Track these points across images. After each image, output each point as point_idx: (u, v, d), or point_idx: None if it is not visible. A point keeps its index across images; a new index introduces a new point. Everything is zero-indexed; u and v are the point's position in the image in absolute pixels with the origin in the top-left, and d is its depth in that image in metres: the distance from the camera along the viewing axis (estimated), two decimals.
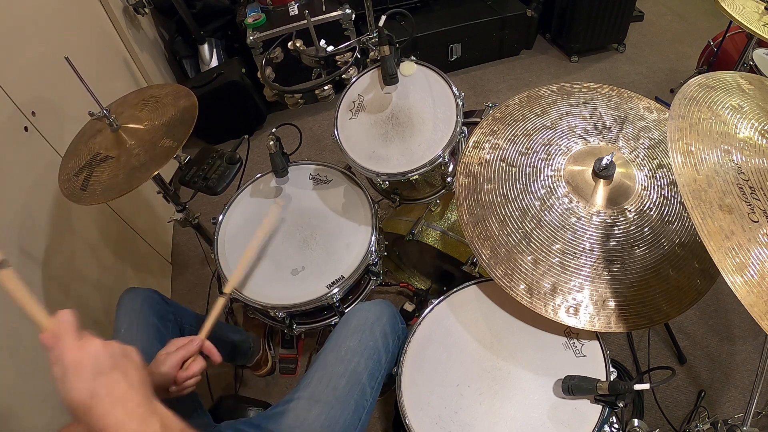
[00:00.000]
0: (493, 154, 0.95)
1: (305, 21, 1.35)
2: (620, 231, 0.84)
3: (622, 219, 0.85)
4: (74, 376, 0.52)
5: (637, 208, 0.86)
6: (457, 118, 1.10)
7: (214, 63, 2.34)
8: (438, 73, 1.17)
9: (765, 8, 1.34)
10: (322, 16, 2.13)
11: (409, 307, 1.49)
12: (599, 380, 0.78)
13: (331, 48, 1.23)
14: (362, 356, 0.91)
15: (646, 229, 0.84)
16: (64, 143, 1.19)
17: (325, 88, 1.21)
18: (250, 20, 2.18)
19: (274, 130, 1.24)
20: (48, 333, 0.55)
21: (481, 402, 0.84)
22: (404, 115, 1.14)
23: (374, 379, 0.92)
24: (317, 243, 1.16)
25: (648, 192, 0.88)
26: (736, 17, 1.32)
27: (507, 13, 2.41)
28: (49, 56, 1.35)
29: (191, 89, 1.18)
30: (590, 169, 0.87)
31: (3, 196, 1.12)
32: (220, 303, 0.84)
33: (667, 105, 0.76)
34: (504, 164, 0.94)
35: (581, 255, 0.83)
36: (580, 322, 0.80)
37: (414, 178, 1.09)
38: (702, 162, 0.61)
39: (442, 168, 1.16)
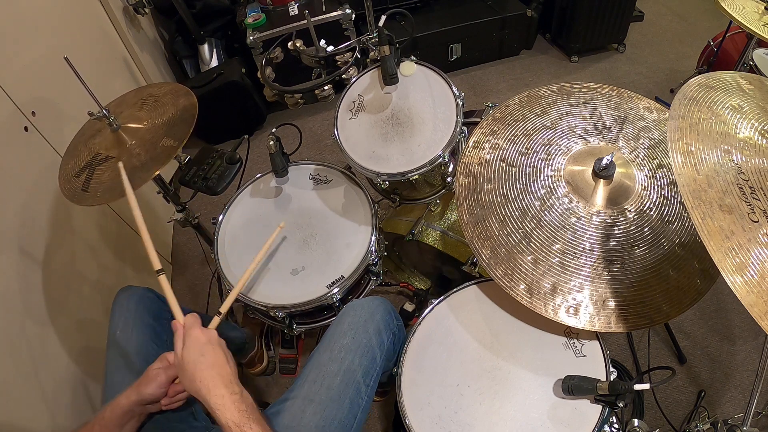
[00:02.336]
0: (493, 154, 0.95)
1: (305, 21, 1.35)
2: (620, 231, 0.84)
3: (622, 219, 0.85)
4: (195, 343, 0.76)
5: (637, 208, 0.86)
6: (457, 118, 1.10)
7: (214, 63, 2.34)
8: (438, 73, 1.17)
9: (765, 8, 1.34)
10: (322, 16, 2.13)
11: (409, 307, 1.49)
12: (599, 380, 0.78)
13: (331, 48, 1.23)
14: (356, 354, 0.90)
15: (646, 229, 0.84)
16: (64, 143, 1.19)
17: (325, 88, 1.21)
18: (250, 20, 2.18)
19: (274, 130, 1.24)
20: (178, 322, 0.80)
21: (481, 402, 0.84)
22: (404, 115, 1.14)
23: (369, 377, 0.91)
24: (317, 243, 1.16)
25: (648, 192, 0.88)
26: (736, 17, 1.32)
27: (507, 13, 2.41)
28: (49, 56, 1.35)
29: (191, 89, 1.17)
30: (590, 169, 0.87)
31: (3, 196, 1.12)
32: (214, 322, 0.85)
33: (667, 105, 0.76)
34: (504, 164, 0.94)
35: (581, 255, 0.83)
36: (580, 322, 0.80)
37: (414, 178, 1.09)
38: (702, 162, 0.61)
39: (442, 168, 1.16)
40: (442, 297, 0.98)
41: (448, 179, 1.21)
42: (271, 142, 1.20)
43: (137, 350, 0.94)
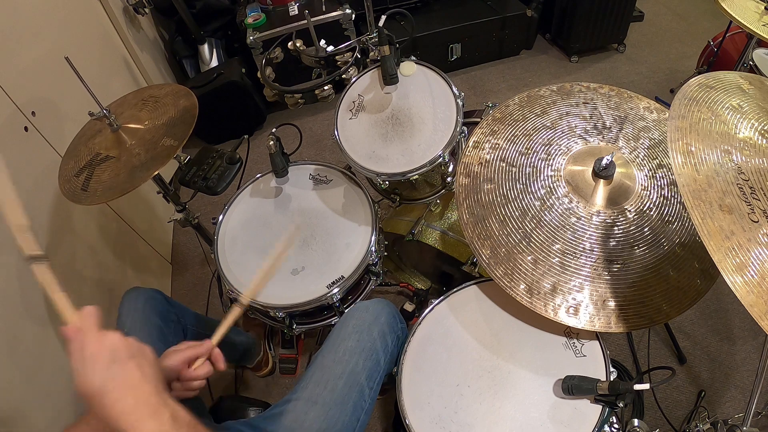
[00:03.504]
0: (493, 154, 0.95)
1: (305, 21, 1.36)
2: (620, 231, 0.84)
3: (622, 219, 0.85)
4: (92, 363, 0.56)
5: (637, 208, 0.86)
6: (457, 118, 1.10)
7: (214, 63, 2.34)
8: (438, 73, 1.17)
9: (765, 8, 1.33)
10: (322, 16, 2.13)
11: (409, 307, 1.49)
12: (599, 380, 0.78)
13: (331, 48, 1.23)
14: (360, 357, 0.90)
15: (646, 229, 0.84)
16: (64, 143, 1.19)
17: (325, 88, 1.21)
18: (250, 20, 2.18)
19: (274, 130, 1.24)
20: (70, 326, 0.60)
21: (481, 402, 0.84)
22: (404, 115, 1.14)
23: (373, 380, 0.91)
24: (317, 243, 1.16)
25: (648, 192, 0.88)
26: (736, 17, 1.32)
27: (507, 13, 2.41)
28: (49, 56, 1.35)
29: (191, 89, 1.18)
30: (590, 169, 0.87)
31: None
32: (235, 312, 0.80)
33: (667, 105, 0.76)
34: (504, 164, 0.94)
35: (581, 255, 0.83)
36: (580, 322, 0.80)
37: (414, 178, 1.09)
38: (702, 162, 0.61)
39: (442, 168, 1.16)
40: (442, 297, 0.98)
41: (448, 179, 1.21)
42: (271, 142, 1.20)
43: None
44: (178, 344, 0.78)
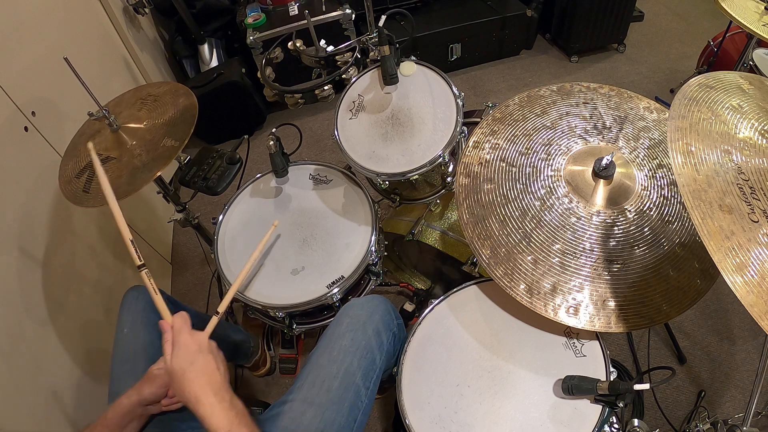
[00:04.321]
0: (493, 154, 0.95)
1: (305, 21, 1.36)
2: (620, 231, 0.84)
3: (622, 219, 0.85)
4: (184, 350, 0.73)
5: (637, 208, 0.86)
6: (457, 118, 1.10)
7: (214, 63, 2.34)
8: (438, 73, 1.17)
9: (765, 8, 1.33)
10: (322, 16, 2.13)
11: (409, 307, 1.49)
12: (599, 380, 0.78)
13: (331, 48, 1.23)
14: (355, 356, 0.89)
15: (646, 229, 0.84)
16: (64, 143, 1.19)
17: (325, 88, 1.21)
18: (250, 20, 2.18)
19: (274, 130, 1.24)
20: (166, 321, 0.78)
21: (481, 402, 0.84)
22: (404, 115, 1.14)
23: (368, 379, 0.90)
24: (317, 243, 1.16)
25: (648, 192, 0.88)
26: (736, 17, 1.32)
27: (507, 13, 2.41)
28: (49, 56, 1.35)
29: (191, 89, 1.17)
30: (590, 169, 0.87)
31: (3, 196, 1.12)
32: (213, 322, 0.84)
33: (667, 105, 0.76)
34: (504, 164, 0.94)
35: (581, 255, 0.83)
36: (580, 322, 0.80)
37: (414, 178, 1.09)
38: (702, 162, 0.61)
39: (442, 168, 1.16)
40: (442, 297, 0.98)
41: (448, 179, 1.21)
42: (271, 142, 1.20)
43: (144, 349, 0.94)
44: (160, 360, 0.82)
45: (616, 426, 0.82)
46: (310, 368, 0.90)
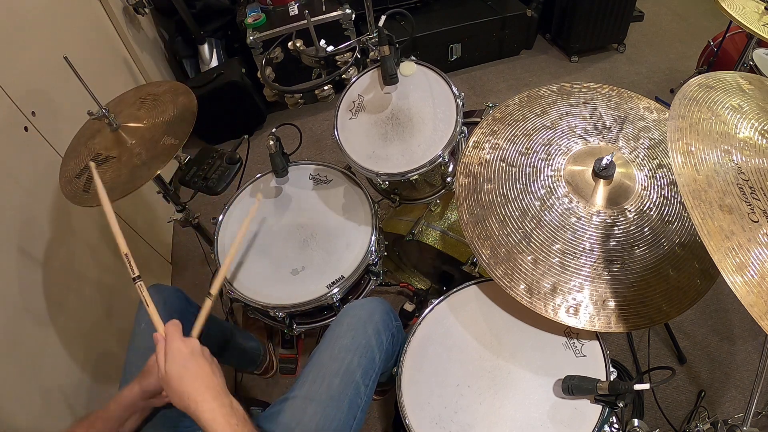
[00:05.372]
0: (493, 154, 0.95)
1: (305, 21, 1.35)
2: (620, 231, 0.84)
3: (622, 219, 0.85)
4: (176, 355, 0.72)
5: (637, 208, 0.86)
6: (457, 118, 1.10)
7: (214, 63, 2.34)
8: (438, 73, 1.17)
9: (765, 8, 1.33)
10: (322, 16, 2.13)
11: (409, 307, 1.49)
12: (599, 380, 0.78)
13: (331, 48, 1.23)
14: (355, 354, 0.91)
15: (646, 229, 0.84)
16: (64, 143, 1.19)
17: (325, 88, 1.21)
18: (250, 20, 2.18)
19: (274, 130, 1.24)
20: (160, 333, 0.77)
21: (481, 402, 0.84)
22: (404, 115, 1.14)
23: (368, 377, 0.92)
24: (317, 243, 1.16)
25: (648, 192, 0.88)
26: (736, 17, 1.32)
27: (507, 13, 2.41)
28: (49, 56, 1.35)
29: (191, 89, 1.17)
30: (590, 169, 0.87)
31: (3, 196, 1.12)
32: (207, 305, 0.85)
33: (667, 105, 0.76)
34: (504, 164, 0.94)
35: (581, 255, 0.83)
36: (580, 322, 0.80)
37: (414, 178, 1.09)
38: (702, 162, 0.61)
39: (442, 168, 1.16)
40: (442, 297, 0.98)
41: (448, 179, 1.21)
42: (271, 142, 1.20)
43: None
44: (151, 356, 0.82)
45: (616, 426, 0.82)
46: (311, 366, 0.92)
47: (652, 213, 0.86)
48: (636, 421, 0.87)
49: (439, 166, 1.11)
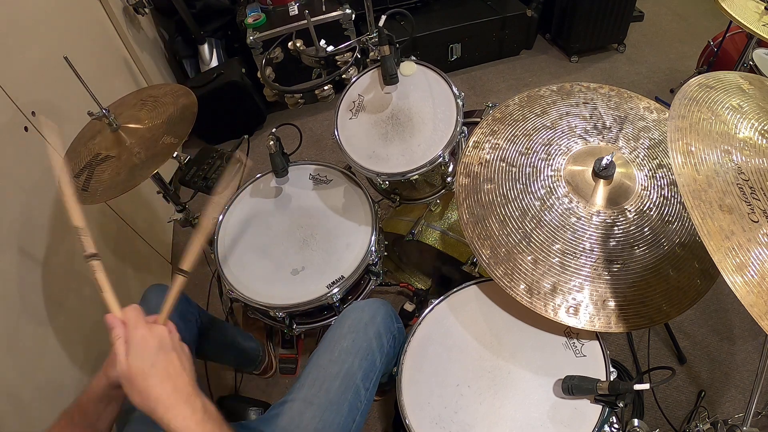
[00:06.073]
0: (493, 154, 0.95)
1: (305, 21, 1.35)
2: (620, 231, 0.84)
3: (622, 219, 0.85)
4: (141, 348, 0.61)
5: (637, 208, 0.86)
6: (457, 118, 1.10)
7: (214, 63, 2.34)
8: (438, 73, 1.17)
9: (765, 8, 1.33)
10: (322, 16, 2.13)
11: (409, 307, 1.49)
12: (599, 380, 0.78)
13: (331, 48, 1.23)
14: (356, 357, 0.90)
15: (646, 229, 0.84)
16: (64, 143, 1.19)
17: (325, 88, 1.21)
18: (250, 20, 2.18)
19: (274, 130, 1.24)
20: (113, 315, 0.66)
21: (481, 402, 0.84)
22: (404, 115, 1.14)
23: (368, 380, 0.91)
24: (317, 243, 1.16)
25: (648, 192, 0.88)
26: (736, 17, 1.32)
27: (507, 13, 2.41)
28: (49, 56, 1.35)
29: (191, 89, 1.18)
30: (590, 169, 0.87)
31: (3, 196, 1.12)
32: (178, 282, 0.74)
33: (667, 105, 0.76)
34: (504, 164, 0.94)
35: (581, 255, 0.83)
36: (580, 322, 0.80)
37: (414, 178, 1.09)
38: (702, 162, 0.61)
39: (442, 168, 1.16)
40: (442, 297, 0.98)
41: (448, 179, 1.21)
42: (271, 142, 1.20)
43: None
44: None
45: (616, 426, 0.82)
46: (310, 369, 0.91)
47: (652, 213, 0.86)
48: (636, 421, 0.87)
49: (439, 166, 1.11)
